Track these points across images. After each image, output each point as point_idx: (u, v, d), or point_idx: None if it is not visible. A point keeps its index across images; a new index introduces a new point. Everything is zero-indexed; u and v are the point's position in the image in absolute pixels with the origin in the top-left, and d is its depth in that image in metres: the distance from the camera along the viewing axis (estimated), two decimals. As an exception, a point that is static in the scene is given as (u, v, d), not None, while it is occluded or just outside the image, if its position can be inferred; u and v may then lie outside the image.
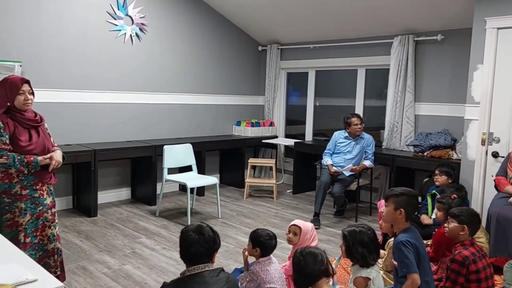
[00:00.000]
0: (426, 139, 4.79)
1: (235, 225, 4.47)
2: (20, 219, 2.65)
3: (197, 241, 1.92)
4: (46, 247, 2.78)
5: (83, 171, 4.66)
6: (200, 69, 6.01)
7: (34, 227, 2.71)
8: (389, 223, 2.60)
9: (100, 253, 3.59)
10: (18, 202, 2.64)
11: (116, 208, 4.96)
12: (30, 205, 2.68)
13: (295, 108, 6.79)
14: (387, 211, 2.43)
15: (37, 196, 2.72)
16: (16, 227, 2.65)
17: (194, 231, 1.95)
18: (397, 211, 2.38)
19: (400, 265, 2.29)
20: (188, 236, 1.94)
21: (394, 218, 2.40)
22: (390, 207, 2.41)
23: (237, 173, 6.20)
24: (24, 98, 2.63)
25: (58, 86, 4.58)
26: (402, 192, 2.43)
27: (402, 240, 2.30)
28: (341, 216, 4.88)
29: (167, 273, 3.25)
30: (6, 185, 2.61)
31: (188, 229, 1.99)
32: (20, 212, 2.65)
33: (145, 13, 5.29)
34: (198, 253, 1.91)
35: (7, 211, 2.64)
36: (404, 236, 2.33)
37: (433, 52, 4.98)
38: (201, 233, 1.95)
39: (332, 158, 4.86)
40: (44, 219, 2.76)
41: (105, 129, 5.05)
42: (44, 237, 2.77)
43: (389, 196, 2.46)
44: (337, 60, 5.89)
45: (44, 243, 2.77)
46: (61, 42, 4.62)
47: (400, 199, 2.39)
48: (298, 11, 5.46)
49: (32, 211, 2.69)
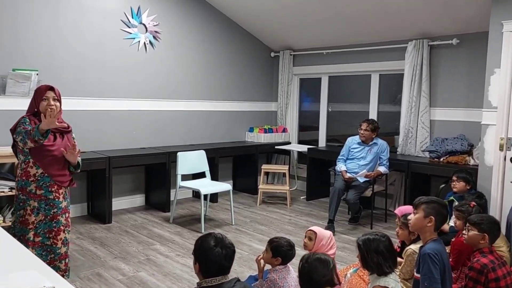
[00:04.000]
0: (442, 144, 4.72)
1: (249, 232, 4.45)
2: (31, 217, 2.73)
3: (222, 256, 1.86)
4: (59, 250, 2.85)
5: (98, 178, 4.69)
6: (213, 76, 6.04)
7: (47, 228, 2.78)
8: (417, 231, 2.52)
9: (115, 259, 3.60)
10: (31, 201, 2.73)
11: (130, 214, 4.98)
12: (44, 205, 2.76)
13: (308, 114, 6.76)
14: (415, 218, 2.36)
15: (52, 198, 2.80)
16: (26, 224, 2.74)
17: (216, 244, 1.88)
18: (427, 219, 2.32)
19: (424, 277, 2.24)
20: (210, 249, 1.86)
21: (423, 226, 2.33)
22: (419, 214, 2.34)
23: (250, 179, 6.18)
24: (47, 104, 2.76)
25: (74, 94, 4.64)
26: (433, 200, 2.38)
27: (430, 253, 2.24)
28: (356, 223, 4.82)
29: (181, 280, 3.24)
30: (23, 182, 2.73)
31: (208, 242, 1.90)
32: (32, 210, 2.74)
33: (158, 21, 5.34)
34: (223, 268, 1.87)
35: (21, 208, 2.76)
36: (432, 248, 2.26)
37: (448, 57, 4.92)
38: (225, 247, 1.89)
39: (346, 164, 4.82)
40: (59, 223, 2.81)
41: (119, 136, 5.09)
42: (58, 241, 2.84)
43: (419, 203, 2.39)
44: (350, 65, 5.86)
45: (57, 247, 2.84)
46: (77, 50, 4.69)
47: (431, 207, 2.33)
48: (310, 17, 5.45)
49: (46, 212, 2.77)
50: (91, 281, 3.16)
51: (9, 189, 3.80)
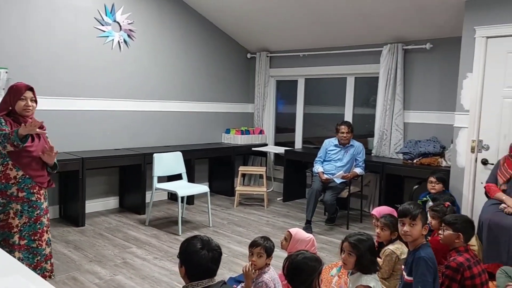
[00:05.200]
0: (415, 146, 4.84)
1: (227, 234, 4.42)
2: (14, 220, 2.66)
3: (209, 259, 1.82)
4: (44, 251, 2.82)
5: (71, 180, 4.55)
6: (189, 76, 5.98)
7: (32, 231, 2.72)
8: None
9: (90, 263, 3.50)
10: (13, 204, 2.66)
11: (104, 217, 4.86)
12: (27, 208, 2.70)
13: (284, 116, 6.80)
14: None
15: (35, 199, 2.75)
16: (9, 228, 2.67)
17: (203, 247, 1.84)
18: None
19: (417, 280, 2.30)
20: (197, 252, 1.82)
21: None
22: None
23: (227, 181, 6.15)
24: (24, 104, 2.72)
25: (45, 93, 4.48)
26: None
27: (425, 257, 2.31)
28: (332, 223, 4.88)
29: (160, 283, 3.18)
30: (3, 185, 2.65)
31: (194, 244, 1.86)
32: (15, 214, 2.67)
33: (133, 19, 5.24)
34: (210, 271, 1.84)
35: (1, 212, 2.67)
36: (426, 252, 2.34)
37: (422, 61, 5.06)
38: (212, 249, 1.85)
39: (323, 166, 4.87)
40: (43, 224, 2.75)
41: (93, 137, 4.96)
42: (42, 242, 2.80)
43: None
44: (326, 68, 5.93)
45: (42, 248, 2.81)
46: (49, 48, 4.54)
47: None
48: (287, 19, 5.49)
49: (30, 214, 2.71)
50: (66, 285, 3.05)
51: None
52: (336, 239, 4.31)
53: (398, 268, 2.87)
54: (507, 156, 3.60)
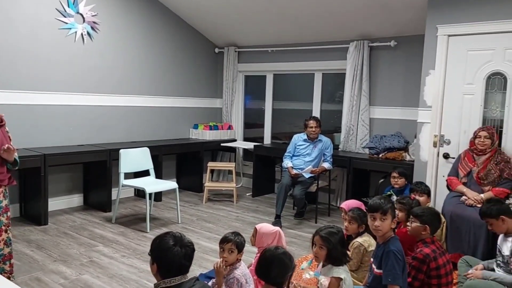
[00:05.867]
0: (381, 141, 4.96)
1: (196, 230, 4.38)
2: None
3: (182, 255, 1.79)
4: (2, 251, 2.69)
5: (32, 177, 4.37)
6: (156, 71, 5.86)
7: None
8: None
9: (55, 263, 3.37)
10: None
11: (68, 215, 4.70)
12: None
13: (253, 111, 6.79)
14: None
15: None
16: None
17: (176, 244, 1.81)
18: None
19: (387, 273, 2.35)
20: (169, 248, 1.79)
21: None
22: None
23: (195, 177, 6.09)
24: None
25: (4, 87, 4.27)
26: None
27: (394, 250, 2.36)
28: (301, 217, 4.93)
29: (129, 281, 3.11)
30: None
31: (167, 241, 1.83)
32: None
33: (97, 11, 5.07)
34: (183, 267, 1.80)
35: None
36: (395, 245, 2.39)
37: (387, 58, 5.18)
38: (184, 246, 1.82)
39: (292, 161, 4.91)
40: (1, 223, 2.63)
41: (55, 133, 4.78)
42: (0, 242, 2.65)
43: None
44: (294, 64, 5.97)
45: (1, 248, 2.67)
46: (8, 40, 4.32)
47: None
48: (255, 14, 5.47)
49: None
50: (29, 286, 2.93)
51: None
52: (305, 233, 4.36)
53: (366, 260, 2.94)
54: (467, 150, 3.75)
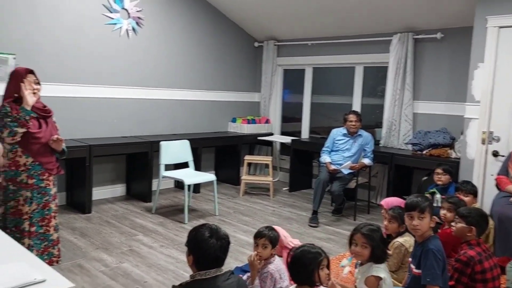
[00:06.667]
0: (425, 137, 4.78)
1: (233, 223, 4.41)
2: (24, 207, 2.66)
3: (217, 247, 1.80)
4: (52, 237, 2.85)
5: (78, 167, 4.55)
6: (196, 65, 5.93)
7: (40, 217, 2.74)
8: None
9: (97, 250, 3.50)
10: (23, 191, 2.66)
11: (110, 204, 4.87)
12: (36, 194, 2.71)
13: (291, 105, 6.74)
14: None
15: (44, 186, 2.76)
16: (20, 215, 2.67)
17: (211, 236, 1.82)
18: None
19: (426, 273, 2.27)
20: (205, 240, 1.81)
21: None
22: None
23: (233, 170, 6.13)
24: (30, 88, 2.70)
25: (53, 80, 4.46)
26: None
27: (433, 249, 2.29)
28: (339, 214, 4.85)
29: (166, 271, 3.18)
30: (13, 173, 2.66)
31: (203, 232, 1.84)
32: (25, 200, 2.67)
33: (141, 6, 5.19)
34: (218, 260, 1.82)
35: (11, 199, 2.70)
36: (435, 244, 2.32)
37: (432, 50, 4.97)
38: (220, 238, 1.83)
39: (330, 156, 4.83)
40: (51, 210, 2.77)
41: (100, 125, 4.95)
42: (50, 228, 2.82)
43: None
44: (335, 57, 5.85)
45: (50, 233, 2.84)
46: (56, 35, 4.51)
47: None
48: (296, 7, 5.41)
49: (38, 200, 2.72)
50: (72, 273, 3.06)
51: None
52: (343, 230, 4.29)
53: (407, 260, 2.84)
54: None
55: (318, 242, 3.49)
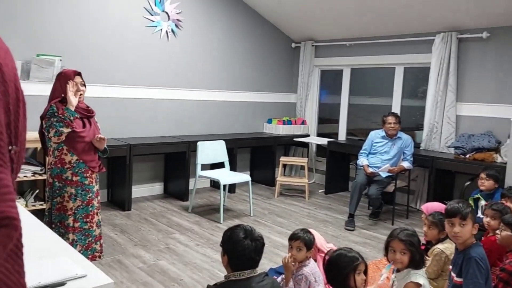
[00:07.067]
0: (469, 140, 4.59)
1: (268, 224, 4.41)
2: (69, 203, 2.77)
3: (252, 249, 1.81)
4: (95, 232, 2.93)
5: (119, 165, 4.70)
6: (233, 66, 5.98)
7: (84, 213, 2.84)
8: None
9: (135, 247, 3.60)
10: (68, 187, 2.77)
11: (149, 202, 4.99)
12: (80, 191, 2.81)
13: (328, 106, 6.66)
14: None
15: (87, 183, 2.86)
16: (65, 211, 2.78)
17: (246, 237, 1.83)
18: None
19: (467, 282, 2.18)
20: (240, 241, 1.82)
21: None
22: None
23: (268, 171, 6.14)
24: (76, 90, 2.80)
25: (96, 81, 4.63)
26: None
27: (476, 258, 2.19)
28: (377, 218, 4.74)
29: (202, 270, 3.23)
30: (58, 170, 2.76)
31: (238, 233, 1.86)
32: (70, 197, 2.78)
33: (181, 9, 5.29)
34: (253, 261, 1.83)
35: (57, 195, 2.80)
36: (477, 252, 2.22)
37: (477, 50, 4.77)
38: (255, 239, 1.83)
39: (368, 159, 4.73)
40: (93, 207, 2.87)
41: (140, 124, 5.09)
42: (93, 223, 2.90)
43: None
44: (374, 57, 5.73)
45: (93, 229, 2.93)
46: (99, 37, 4.68)
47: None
48: (334, 7, 5.34)
49: (83, 197, 2.82)
50: (112, 268, 3.16)
51: (32, 174, 3.83)
52: (380, 234, 4.19)
53: (447, 268, 2.74)
54: None
55: (354, 246, 3.42)
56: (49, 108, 2.78)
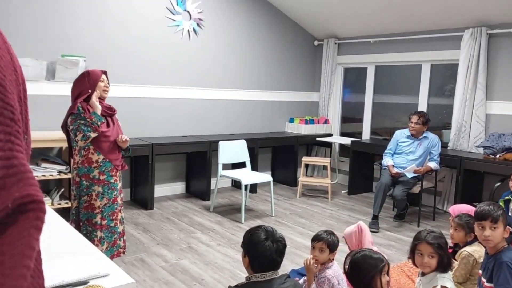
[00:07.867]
0: (499, 140, 4.42)
1: (289, 225, 4.36)
2: (96, 202, 2.81)
3: (273, 250, 1.77)
4: (119, 229, 2.98)
5: (141, 165, 4.74)
6: (255, 65, 5.95)
7: (111, 211, 2.88)
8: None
9: (158, 246, 3.61)
10: (95, 186, 2.82)
11: (171, 202, 5.01)
12: (107, 189, 2.86)
13: (351, 105, 6.55)
14: None
15: (113, 181, 2.92)
16: (92, 209, 2.82)
17: (267, 238, 1.80)
18: None
19: (499, 287, 2.09)
20: (261, 242, 1.79)
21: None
22: None
23: (290, 171, 6.08)
24: (104, 85, 2.88)
25: (119, 81, 4.67)
26: None
27: (507, 262, 2.10)
28: (402, 220, 4.62)
29: (223, 270, 3.21)
30: (86, 169, 2.80)
31: (259, 234, 1.82)
32: (97, 195, 2.82)
33: (202, 8, 5.29)
34: (274, 263, 1.79)
35: (85, 194, 2.84)
36: (510, 257, 2.12)
37: (508, 46, 4.59)
38: (276, 241, 1.80)
39: (393, 159, 4.62)
40: (117, 204, 2.92)
41: (162, 124, 5.12)
42: (117, 221, 2.94)
43: None
44: (399, 54, 5.60)
45: (117, 226, 2.97)
46: (122, 37, 4.72)
47: None
48: (357, 3, 5.23)
49: (109, 195, 2.86)
50: (134, 266, 3.18)
51: (58, 172, 3.89)
52: (406, 236, 4.08)
53: (476, 272, 2.63)
54: None
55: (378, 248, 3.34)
56: (75, 108, 2.80)
